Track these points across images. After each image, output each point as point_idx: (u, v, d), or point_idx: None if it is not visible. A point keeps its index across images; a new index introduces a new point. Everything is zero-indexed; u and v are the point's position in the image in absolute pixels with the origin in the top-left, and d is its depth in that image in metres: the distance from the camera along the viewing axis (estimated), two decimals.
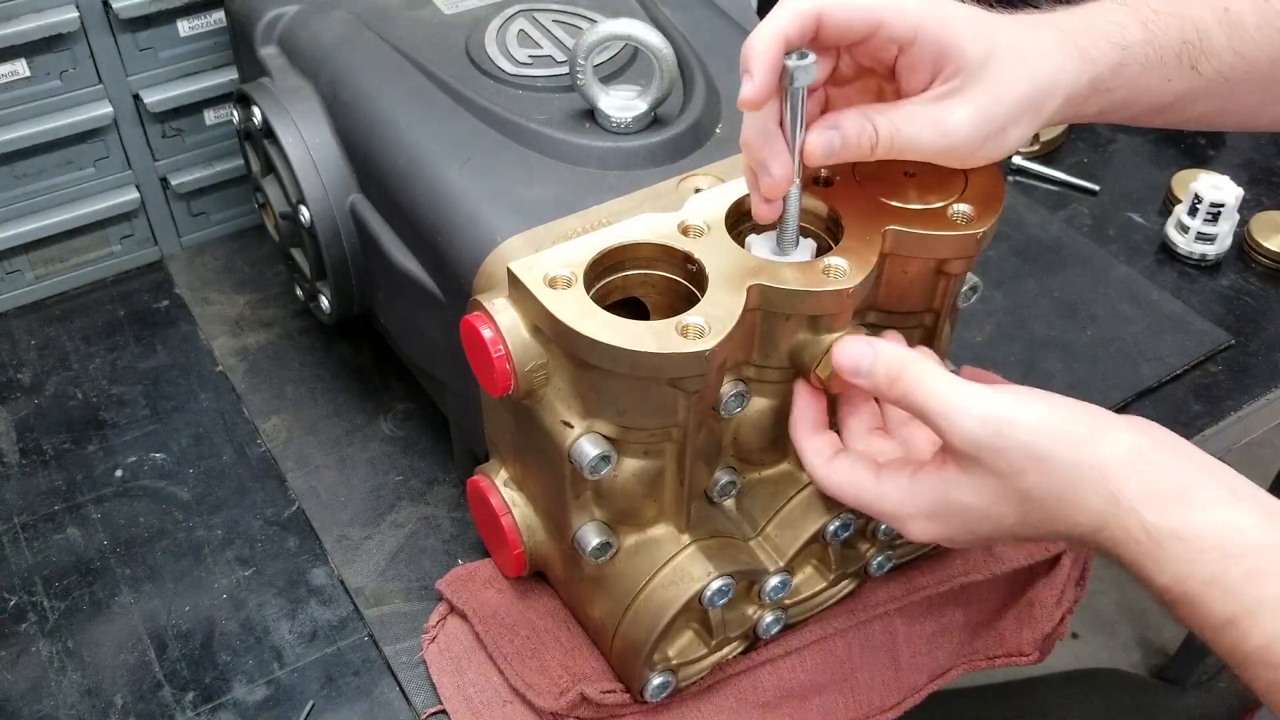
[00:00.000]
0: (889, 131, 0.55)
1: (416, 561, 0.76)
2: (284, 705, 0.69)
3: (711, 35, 0.77)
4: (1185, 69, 0.58)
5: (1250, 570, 0.46)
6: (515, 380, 0.59)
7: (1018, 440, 0.51)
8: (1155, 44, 0.57)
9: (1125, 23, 0.57)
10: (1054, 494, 0.51)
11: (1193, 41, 0.58)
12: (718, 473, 0.65)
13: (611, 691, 0.66)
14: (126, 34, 0.87)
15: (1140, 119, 0.61)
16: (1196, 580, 0.47)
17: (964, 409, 0.52)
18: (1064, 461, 0.51)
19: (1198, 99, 0.59)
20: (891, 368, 0.55)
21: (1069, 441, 0.51)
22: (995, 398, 0.52)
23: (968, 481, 0.53)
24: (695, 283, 0.59)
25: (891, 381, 0.55)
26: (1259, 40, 0.58)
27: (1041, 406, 0.52)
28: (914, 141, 0.55)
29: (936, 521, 0.56)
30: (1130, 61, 0.57)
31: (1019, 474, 0.52)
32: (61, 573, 0.76)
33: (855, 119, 0.55)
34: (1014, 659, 0.78)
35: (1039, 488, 0.51)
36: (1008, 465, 0.52)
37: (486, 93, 0.71)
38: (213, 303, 0.95)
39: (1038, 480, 0.51)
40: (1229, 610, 0.47)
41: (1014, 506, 0.53)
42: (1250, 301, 0.95)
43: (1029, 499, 0.52)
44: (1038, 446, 0.51)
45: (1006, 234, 1.00)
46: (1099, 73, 0.57)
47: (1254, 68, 0.59)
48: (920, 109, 0.55)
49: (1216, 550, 0.47)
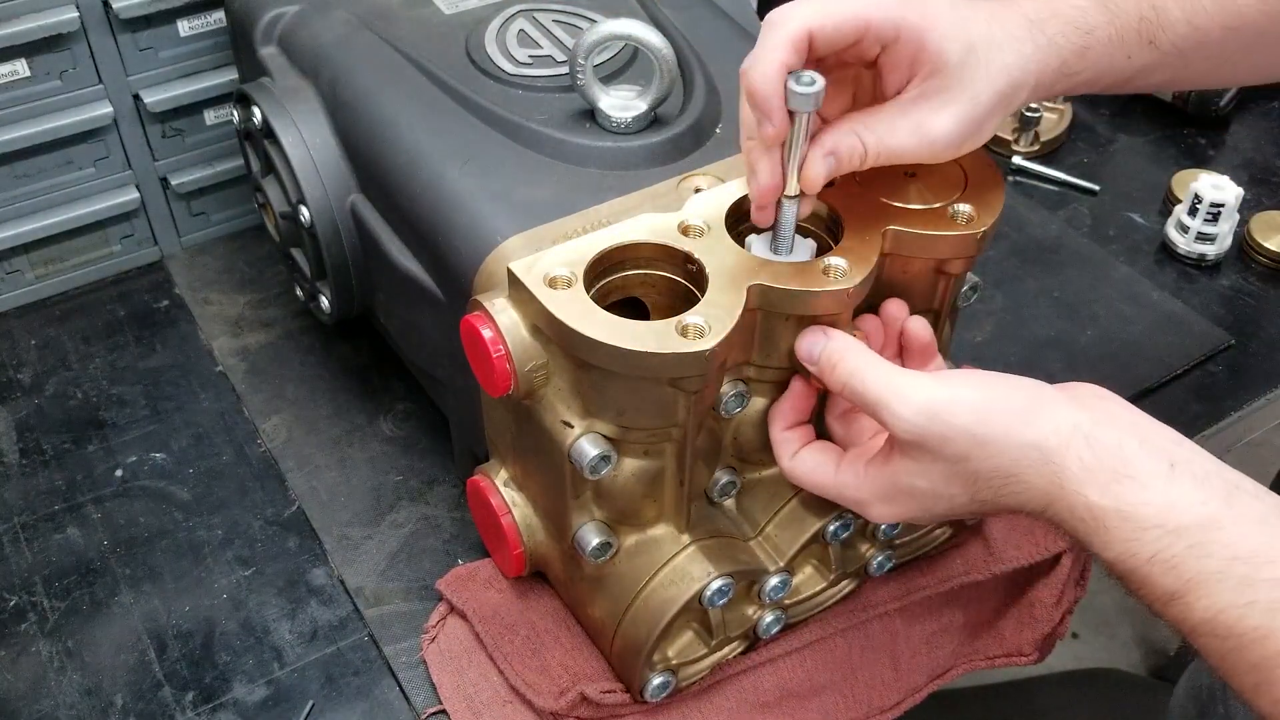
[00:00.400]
0: (875, 145, 0.56)
1: (416, 561, 0.76)
2: (284, 705, 0.69)
3: (711, 35, 0.77)
4: (1144, 44, 0.60)
5: (1190, 546, 0.48)
6: (515, 380, 0.59)
7: (957, 426, 0.53)
8: (1115, 24, 0.59)
9: (1087, 7, 0.59)
10: (1000, 474, 0.53)
11: (1149, 18, 0.59)
12: (718, 473, 0.65)
13: (611, 691, 0.66)
14: (126, 34, 0.87)
15: (1101, 92, 0.63)
16: (1140, 558, 0.49)
17: (903, 397, 0.54)
18: (1004, 443, 0.52)
19: (1155, 70, 0.61)
20: (831, 356, 0.57)
21: (1007, 423, 0.52)
22: (933, 385, 0.54)
23: (915, 467, 0.55)
24: (695, 283, 0.59)
25: (831, 369, 0.57)
26: (1210, 10, 0.60)
27: (979, 390, 0.54)
28: (899, 150, 0.56)
29: (893, 504, 0.58)
30: (1094, 44, 0.59)
31: (963, 459, 0.53)
32: (61, 573, 0.76)
33: (846, 138, 0.56)
34: (1014, 659, 0.78)
35: (985, 470, 0.53)
36: (951, 451, 0.53)
37: (486, 93, 0.71)
38: (213, 303, 0.95)
39: (982, 463, 0.53)
40: (1172, 585, 0.48)
41: (963, 487, 0.54)
42: (1250, 301, 0.95)
43: (976, 480, 0.54)
44: (978, 430, 0.53)
45: (1006, 234, 1.00)
46: (1065, 59, 0.58)
47: (1207, 36, 0.60)
48: (902, 118, 0.56)
49: (1158, 529, 0.49)
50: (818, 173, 0.56)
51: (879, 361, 0.56)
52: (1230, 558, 0.47)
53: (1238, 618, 0.47)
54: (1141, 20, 0.59)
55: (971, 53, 0.56)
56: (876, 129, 0.56)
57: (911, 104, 0.56)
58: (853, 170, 0.57)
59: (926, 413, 0.53)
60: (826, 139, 0.56)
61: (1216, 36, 0.60)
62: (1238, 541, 0.48)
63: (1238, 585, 0.47)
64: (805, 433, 0.62)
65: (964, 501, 0.55)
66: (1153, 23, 0.59)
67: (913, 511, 0.58)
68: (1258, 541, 0.48)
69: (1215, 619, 0.47)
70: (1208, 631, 0.48)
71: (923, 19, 0.55)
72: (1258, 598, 0.46)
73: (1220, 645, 0.48)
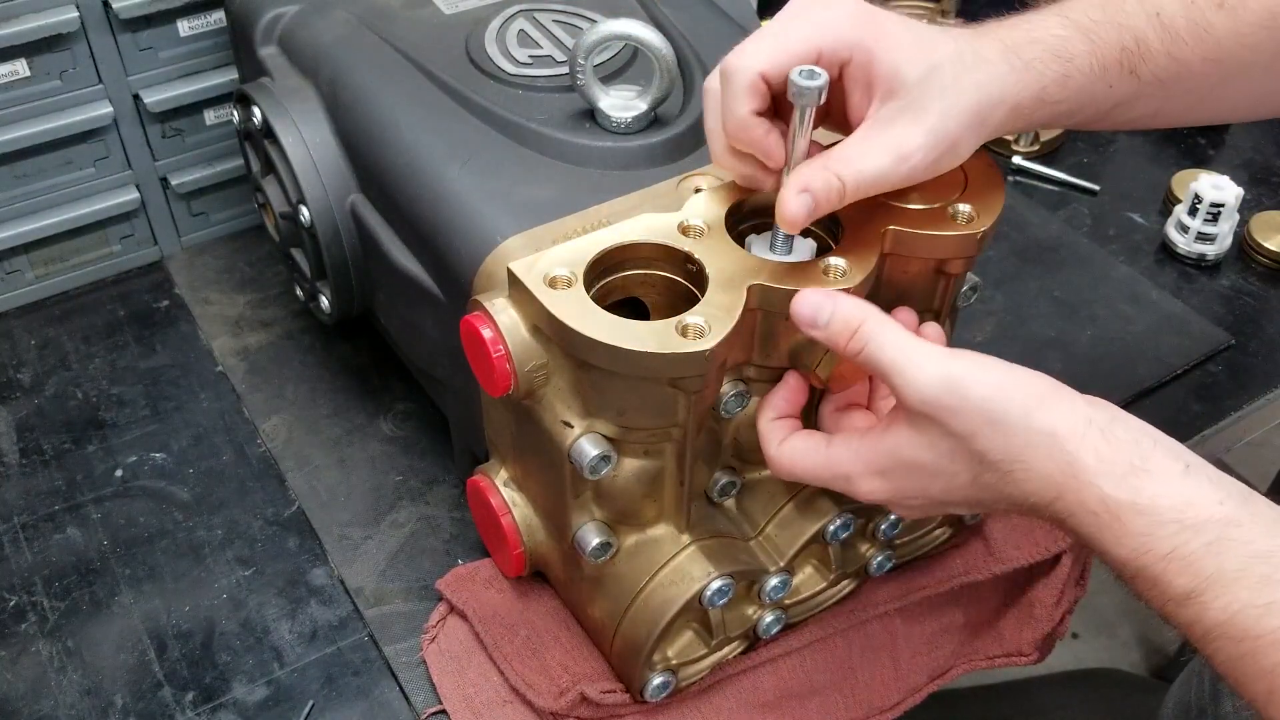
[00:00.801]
0: (852, 175, 0.55)
1: (416, 561, 0.76)
2: (284, 705, 0.69)
3: (711, 35, 0.77)
4: (1125, 75, 0.59)
5: (1209, 543, 0.47)
6: (515, 380, 0.59)
7: (973, 400, 0.51)
8: (1097, 54, 0.58)
9: (1067, 35, 0.58)
10: (1009, 457, 0.51)
11: (1130, 48, 0.59)
12: (718, 473, 0.65)
13: (611, 691, 0.66)
14: (126, 34, 0.87)
15: (1082, 125, 0.62)
16: (1156, 554, 0.48)
17: (920, 364, 0.53)
18: (1018, 425, 0.51)
19: (1136, 102, 0.60)
20: (851, 320, 0.55)
21: (1024, 405, 0.51)
22: (952, 358, 0.53)
23: (920, 440, 0.54)
24: (695, 283, 0.59)
25: (850, 334, 0.55)
26: (1190, 42, 0.59)
27: (998, 371, 0.53)
28: (875, 174, 0.55)
29: (886, 479, 0.56)
30: (1074, 73, 0.58)
31: (972, 435, 0.52)
32: (61, 573, 0.76)
33: (820, 175, 0.55)
34: (1014, 659, 0.78)
35: (993, 450, 0.51)
36: (962, 425, 0.52)
37: (486, 93, 0.71)
38: (213, 303, 0.95)
39: (991, 442, 0.51)
40: (1188, 583, 0.47)
41: (966, 465, 0.53)
42: (1250, 301, 0.95)
43: (983, 460, 0.52)
44: (993, 407, 0.51)
45: (1006, 234, 1.00)
46: (1044, 85, 0.57)
47: (1187, 68, 0.60)
48: (873, 143, 0.56)
49: (1175, 524, 0.48)
50: (794, 209, 0.55)
51: (897, 327, 0.54)
52: (1250, 556, 0.46)
53: (1256, 618, 0.45)
54: (1123, 50, 0.58)
55: (935, 71, 0.55)
56: (848, 158, 0.55)
57: (881, 128, 0.56)
58: (834, 208, 0.56)
59: (943, 382, 0.52)
60: (800, 176, 0.55)
61: (1197, 69, 0.60)
62: (1257, 540, 0.47)
63: (1257, 584, 0.46)
64: (794, 425, 0.61)
65: (964, 483, 0.54)
66: (1134, 53, 0.59)
67: (904, 490, 0.56)
68: (1277, 542, 0.47)
69: (1232, 620, 0.46)
70: (1222, 634, 0.46)
71: (878, 39, 0.55)
72: (1277, 598, 0.45)
73: (1234, 649, 0.46)
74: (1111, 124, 0.62)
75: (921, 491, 0.55)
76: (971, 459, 0.52)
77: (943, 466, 0.54)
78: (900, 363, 0.53)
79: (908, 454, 0.54)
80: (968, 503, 0.55)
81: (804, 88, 0.53)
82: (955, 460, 0.53)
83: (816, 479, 0.59)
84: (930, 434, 0.53)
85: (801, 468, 0.59)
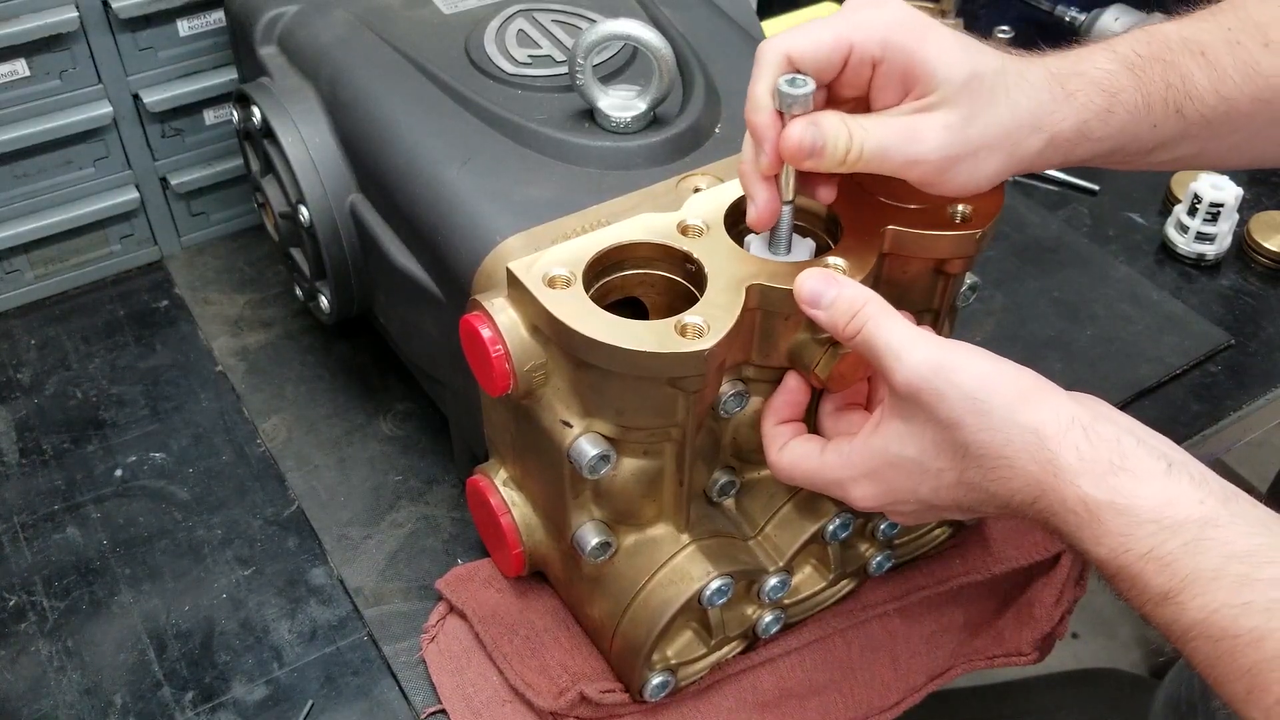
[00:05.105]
0: (861, 135, 0.55)
1: (416, 561, 0.76)
2: (284, 705, 0.69)
3: (711, 35, 0.77)
4: (1170, 113, 0.58)
5: (1187, 543, 0.47)
6: (514, 380, 0.59)
7: (957, 386, 0.52)
8: (1142, 90, 0.58)
9: (1114, 70, 0.58)
10: (991, 452, 0.51)
11: (1176, 85, 0.58)
12: (717, 473, 0.65)
13: (611, 691, 0.66)
14: (126, 34, 0.87)
15: (1123, 165, 0.61)
16: (1134, 554, 0.48)
17: (911, 349, 0.53)
18: (1001, 418, 0.51)
19: (1180, 142, 0.60)
20: (854, 303, 0.55)
21: (1008, 400, 0.51)
22: (944, 346, 0.53)
23: (906, 430, 0.54)
24: (694, 283, 0.59)
25: (851, 317, 0.55)
26: (1238, 80, 0.59)
27: (987, 363, 0.53)
28: (882, 146, 0.55)
29: (877, 482, 0.56)
30: (1118, 108, 0.57)
31: (956, 425, 0.52)
32: (61, 573, 0.76)
33: (834, 120, 0.55)
34: (1013, 659, 0.78)
35: (976, 444, 0.52)
36: (946, 413, 0.52)
37: (486, 93, 0.71)
38: (213, 303, 0.95)
39: (974, 435, 0.52)
40: (1166, 583, 0.47)
41: (951, 460, 0.53)
42: (1250, 301, 0.95)
43: (966, 454, 0.52)
44: (977, 397, 0.51)
45: (1006, 234, 1.00)
46: (1086, 119, 0.57)
47: (1234, 108, 0.59)
48: (893, 119, 0.56)
49: (1153, 524, 0.48)
50: (800, 136, 0.54)
51: (896, 314, 0.55)
52: (1227, 556, 0.46)
53: (1233, 618, 0.45)
54: (1169, 87, 0.58)
55: (974, 78, 0.55)
56: (862, 123, 0.55)
57: (904, 112, 0.56)
58: (838, 164, 0.55)
59: (931, 366, 0.52)
60: (813, 115, 0.55)
61: (1245, 108, 0.59)
62: (1235, 541, 0.47)
63: (1234, 585, 0.46)
64: (795, 429, 0.61)
65: (950, 480, 0.54)
66: (1179, 90, 0.58)
67: (897, 492, 0.56)
68: (1256, 542, 0.47)
69: (1209, 619, 0.46)
70: (1200, 634, 0.47)
71: (915, 38, 0.55)
72: (1254, 598, 0.45)
73: (1212, 649, 0.46)
74: (1152, 164, 0.62)
75: (911, 493, 0.56)
76: (955, 452, 0.53)
77: (928, 461, 0.54)
78: (894, 345, 0.53)
79: (895, 449, 0.55)
80: (957, 505, 0.55)
81: (791, 95, 0.54)
82: (940, 454, 0.53)
83: (813, 485, 0.60)
84: (915, 422, 0.53)
85: (798, 474, 0.59)
